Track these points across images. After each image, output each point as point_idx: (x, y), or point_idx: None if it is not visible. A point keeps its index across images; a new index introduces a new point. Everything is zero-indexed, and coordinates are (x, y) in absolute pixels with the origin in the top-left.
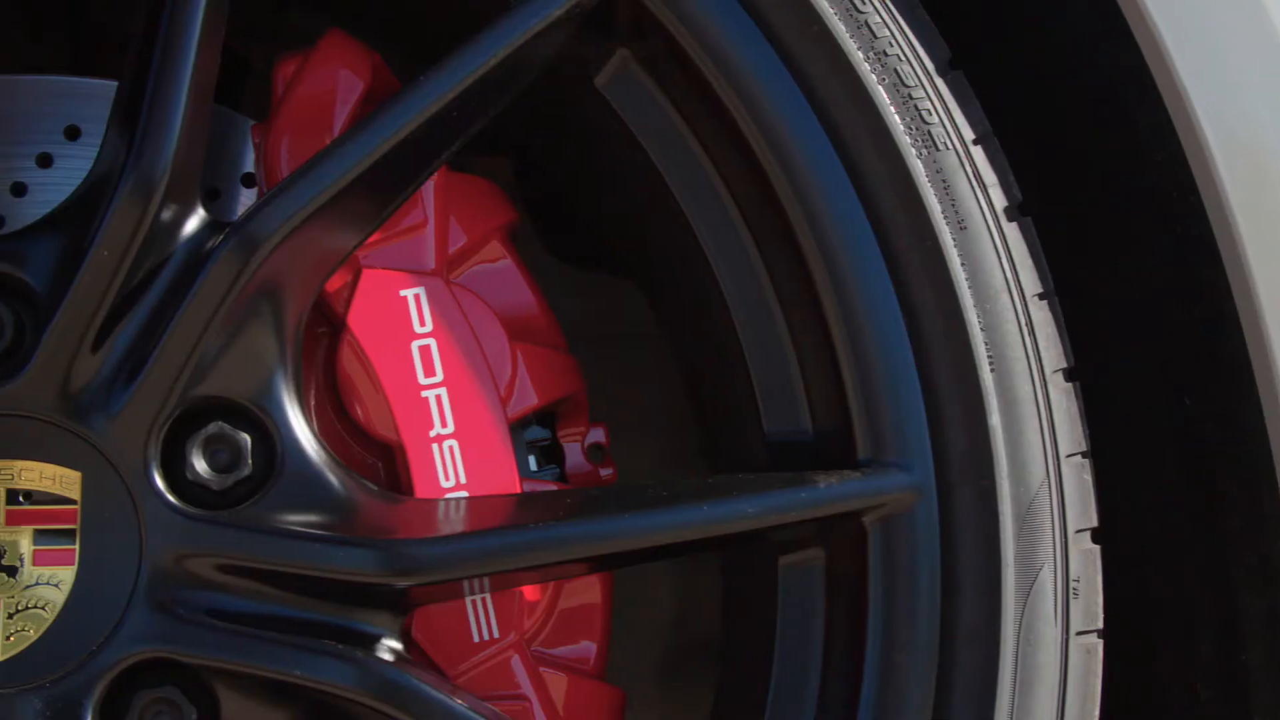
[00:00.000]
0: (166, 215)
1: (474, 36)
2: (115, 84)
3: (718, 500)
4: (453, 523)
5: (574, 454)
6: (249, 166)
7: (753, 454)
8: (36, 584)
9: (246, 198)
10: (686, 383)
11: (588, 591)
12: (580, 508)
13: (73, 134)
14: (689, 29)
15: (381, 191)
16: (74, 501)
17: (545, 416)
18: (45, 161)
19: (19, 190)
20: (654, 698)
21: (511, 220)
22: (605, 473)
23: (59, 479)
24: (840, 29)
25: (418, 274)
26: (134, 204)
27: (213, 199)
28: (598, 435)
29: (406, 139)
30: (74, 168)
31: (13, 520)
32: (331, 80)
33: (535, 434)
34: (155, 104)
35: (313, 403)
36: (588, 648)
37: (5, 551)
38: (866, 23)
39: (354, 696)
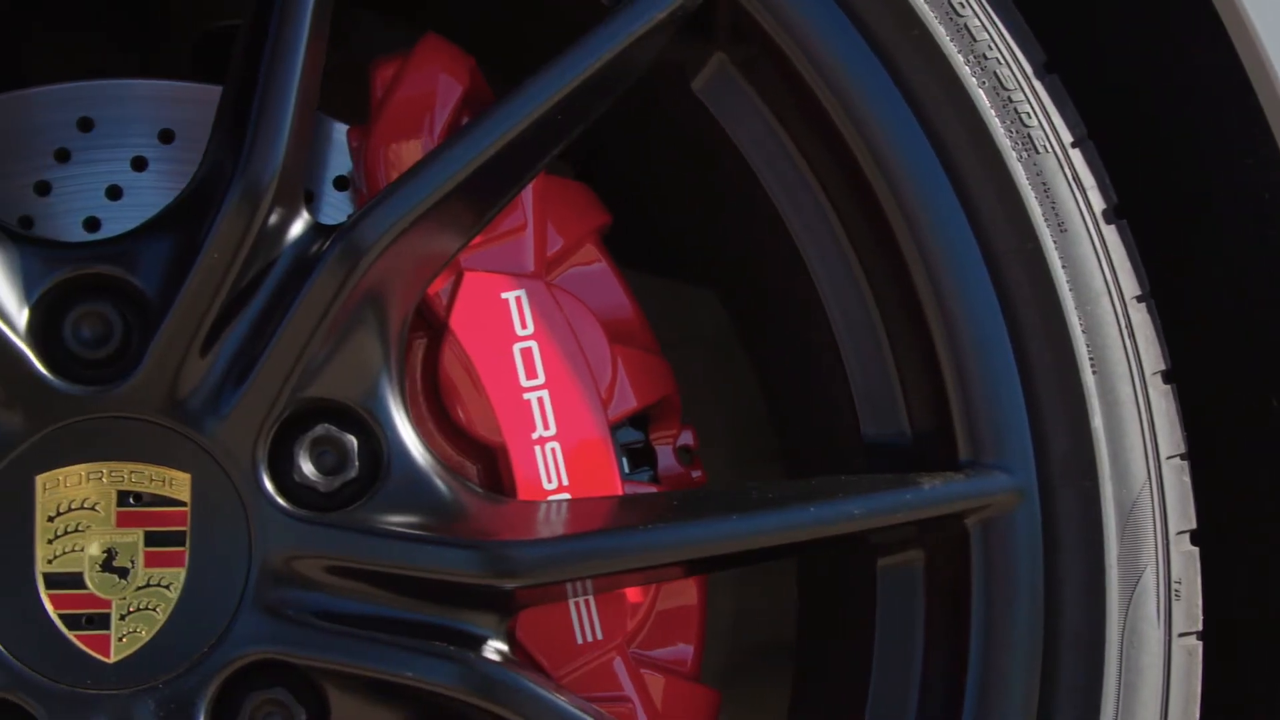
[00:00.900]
0: (274, 219)
1: (577, 40)
2: (207, 87)
3: (824, 502)
4: (558, 524)
5: (665, 456)
6: (340, 169)
7: (847, 457)
8: (148, 585)
9: (338, 201)
10: (765, 387)
11: (684, 593)
12: (686, 509)
13: (166, 137)
14: (789, 33)
15: (486, 196)
16: (183, 503)
17: (638, 419)
18: (140, 165)
19: (115, 193)
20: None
21: (604, 223)
22: (695, 475)
23: (168, 481)
24: (940, 32)
25: (518, 276)
26: (244, 208)
27: (306, 202)
28: (686, 438)
29: (511, 143)
30: (167, 171)
31: (123, 522)
32: (431, 84)
33: (628, 436)
34: (264, 109)
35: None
36: (685, 649)
37: (117, 553)
38: (966, 26)
39: (466, 698)
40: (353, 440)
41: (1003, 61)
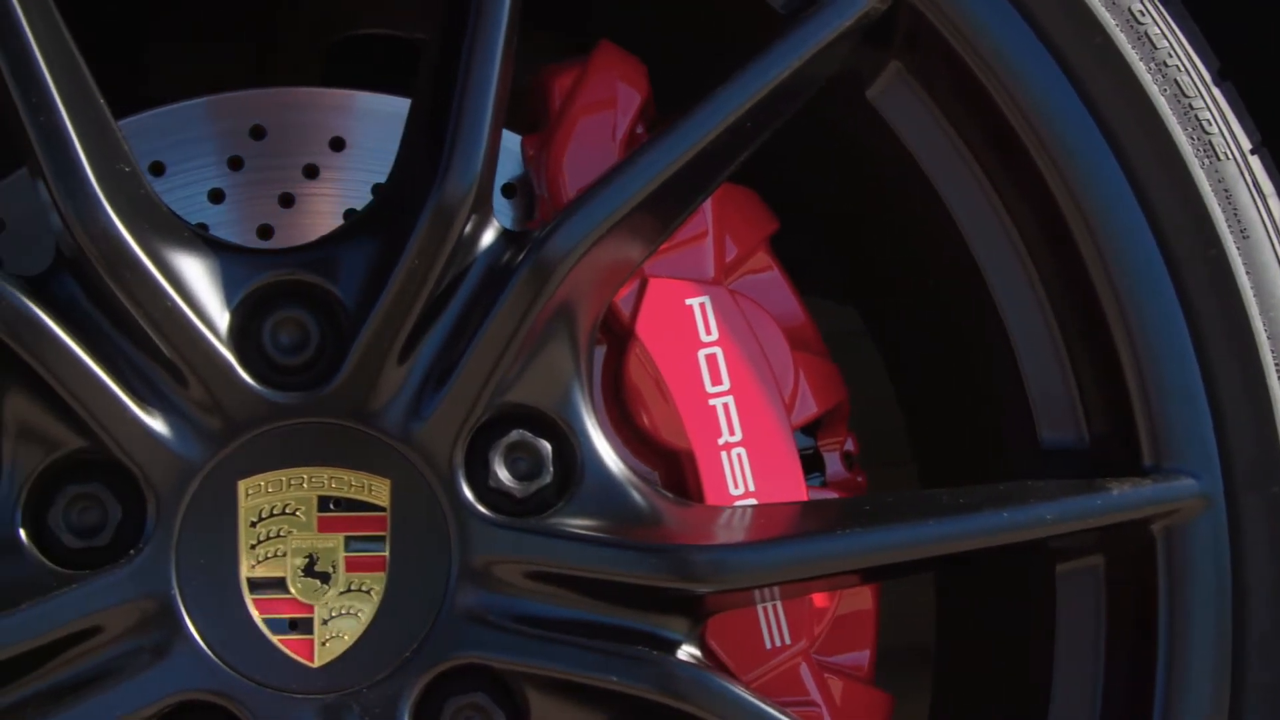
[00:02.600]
0: (469, 228)
1: (768, 47)
2: (376, 96)
3: (1018, 506)
4: (752, 529)
5: (831, 463)
6: (508, 176)
7: (1021, 462)
8: (349, 590)
9: (505, 208)
10: (907, 392)
11: (860, 598)
12: (880, 514)
13: (337, 145)
14: (970, 41)
15: (675, 204)
16: (383, 508)
17: (807, 425)
18: (311, 172)
19: (287, 201)
20: None
21: (774, 230)
22: (859, 480)
23: (368, 486)
24: (1122, 39)
25: (701, 283)
26: (443, 217)
27: None
28: (848, 444)
29: (702, 151)
30: (338, 179)
31: (324, 527)
32: (610, 92)
33: (799, 443)
34: (462, 121)
35: None
36: (862, 654)
37: (319, 558)
38: (1146, 34)
39: (669, 701)
40: (547, 446)
41: (1182, 69)
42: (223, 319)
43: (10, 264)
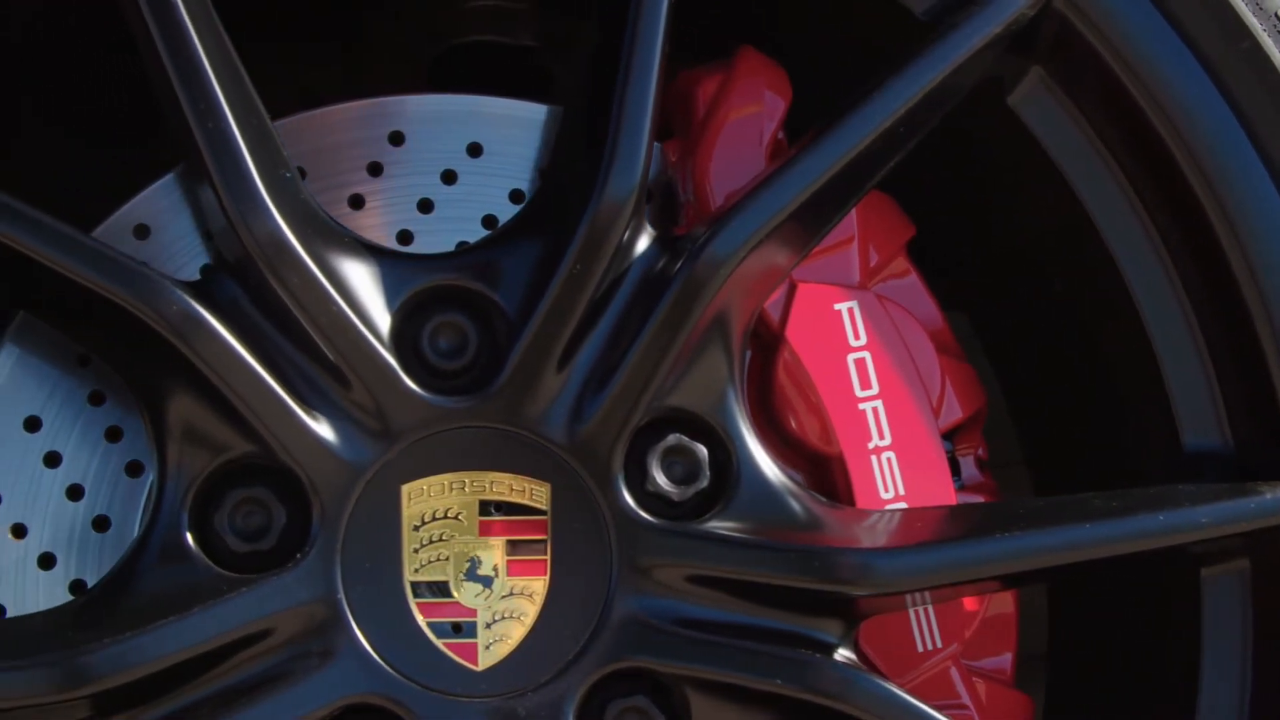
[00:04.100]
0: (628, 233)
1: (920, 53)
2: (512, 102)
3: (1173, 510)
4: (905, 533)
5: (967, 466)
6: None
7: (1162, 466)
8: (511, 594)
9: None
10: (1023, 397)
11: (1002, 601)
12: (1035, 518)
13: (475, 151)
14: (1117, 47)
15: (828, 209)
16: (544, 512)
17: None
18: (450, 178)
19: (426, 206)
20: None
21: (912, 235)
22: (992, 484)
23: (528, 490)
24: (1269, 44)
25: (849, 288)
26: (605, 223)
27: None
28: (980, 448)
29: (857, 157)
30: (477, 184)
31: (486, 531)
32: (757, 98)
33: None
34: (622, 126)
35: None
36: (1005, 657)
37: (481, 562)
38: None
39: (835, 705)
40: (703, 450)
41: None
42: (384, 323)
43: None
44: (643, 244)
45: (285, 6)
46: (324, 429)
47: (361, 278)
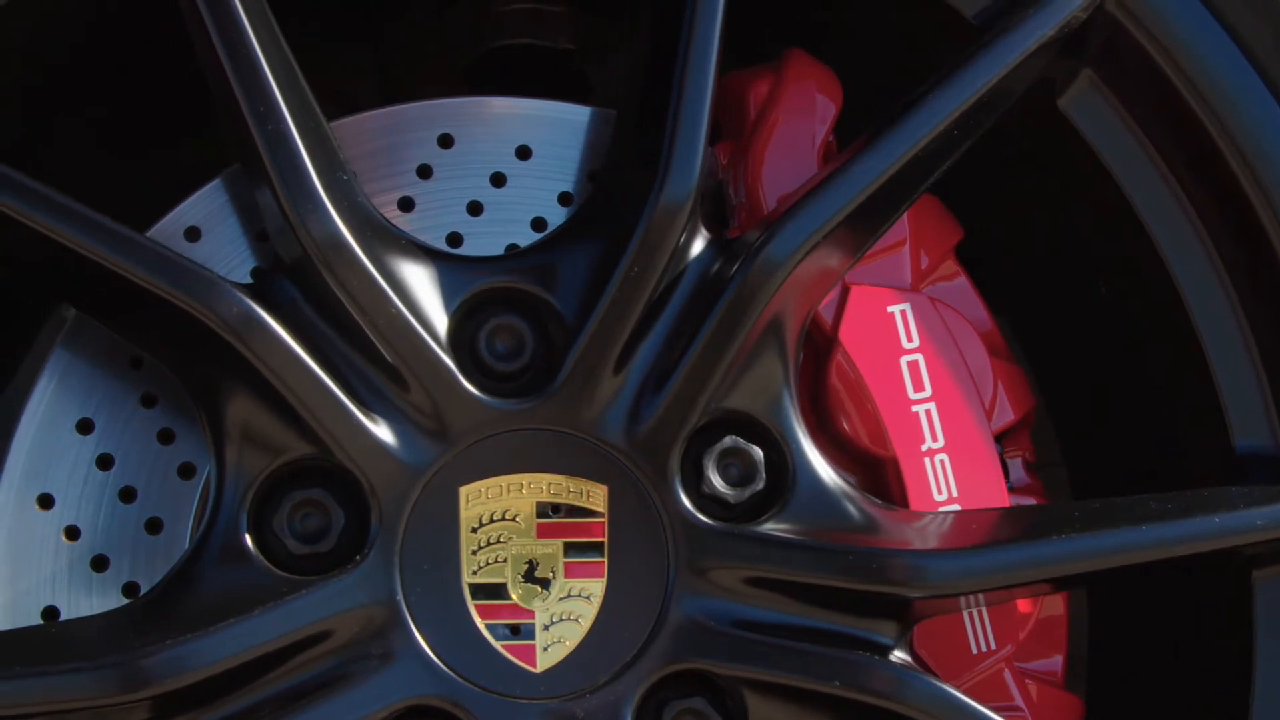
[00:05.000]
0: (684, 235)
1: (973, 56)
2: (560, 104)
3: (1229, 512)
4: (961, 534)
5: (1016, 468)
6: None
7: (1212, 467)
8: (569, 596)
9: None
10: (1065, 400)
11: (1052, 603)
12: (1091, 520)
13: (524, 154)
14: (1170, 51)
15: (883, 212)
16: (601, 514)
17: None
18: (499, 181)
19: (475, 209)
20: None
21: (961, 238)
22: (1040, 486)
23: (586, 492)
24: None
25: (902, 290)
26: (662, 225)
27: None
28: (1028, 451)
29: (912, 160)
30: (525, 187)
31: (544, 533)
32: (808, 101)
33: None
34: (679, 129)
35: None
36: (1056, 659)
37: (538, 564)
38: None
39: (894, 707)
40: (759, 452)
41: None
42: (441, 325)
43: None
44: (698, 246)
45: (322, 9)
46: (382, 431)
47: (418, 279)
